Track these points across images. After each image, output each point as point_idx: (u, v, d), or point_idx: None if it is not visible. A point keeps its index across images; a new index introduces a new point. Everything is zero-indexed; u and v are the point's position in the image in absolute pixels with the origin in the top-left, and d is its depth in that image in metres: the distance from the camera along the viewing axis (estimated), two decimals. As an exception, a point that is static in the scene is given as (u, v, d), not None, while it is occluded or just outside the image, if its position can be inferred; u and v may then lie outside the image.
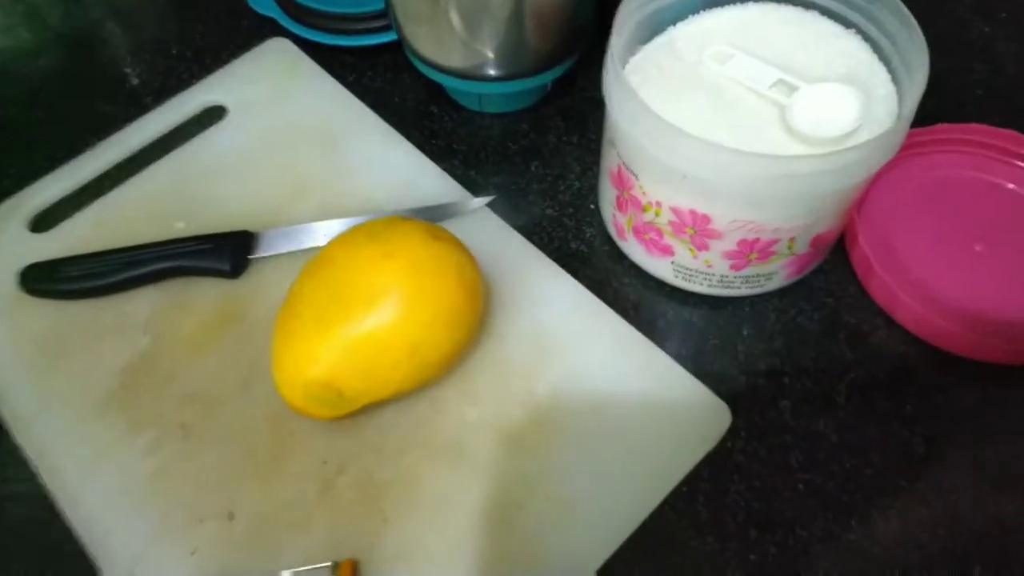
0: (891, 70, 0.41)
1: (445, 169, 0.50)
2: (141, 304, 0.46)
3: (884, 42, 0.41)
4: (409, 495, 0.39)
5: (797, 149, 0.39)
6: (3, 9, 0.64)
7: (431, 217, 0.47)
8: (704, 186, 0.37)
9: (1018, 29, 0.58)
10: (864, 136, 0.38)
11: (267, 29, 0.58)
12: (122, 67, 0.59)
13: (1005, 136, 0.48)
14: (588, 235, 0.49)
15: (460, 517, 0.39)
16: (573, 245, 0.48)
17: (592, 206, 0.50)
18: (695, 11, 0.44)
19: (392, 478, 0.40)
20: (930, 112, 0.48)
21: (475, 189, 0.50)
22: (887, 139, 0.37)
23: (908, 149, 0.49)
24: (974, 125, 0.49)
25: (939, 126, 0.49)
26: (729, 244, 0.40)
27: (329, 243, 0.40)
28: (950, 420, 0.42)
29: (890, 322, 0.45)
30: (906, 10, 0.39)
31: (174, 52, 0.59)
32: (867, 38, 0.42)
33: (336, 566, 0.37)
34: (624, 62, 0.42)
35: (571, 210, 0.50)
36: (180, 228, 0.48)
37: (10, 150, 0.54)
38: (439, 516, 0.39)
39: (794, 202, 0.38)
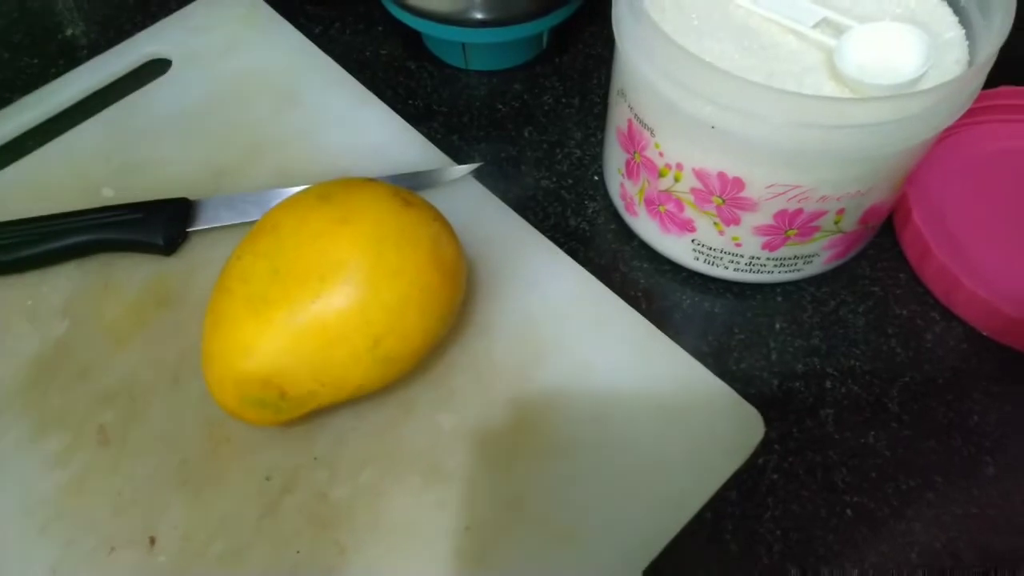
0: (958, 10, 0.34)
1: (423, 133, 0.43)
2: (58, 283, 0.39)
3: (950, -23, 0.35)
4: (370, 520, 0.32)
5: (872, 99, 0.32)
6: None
7: (406, 186, 0.39)
8: (737, 140, 0.30)
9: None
10: (929, 84, 0.31)
11: (222, -27, 0.50)
12: (54, 16, 0.51)
13: (1077, 101, 0.42)
14: (591, 210, 0.42)
15: (432, 547, 0.31)
16: (573, 222, 0.41)
17: (595, 177, 0.42)
18: (722, -59, 0.37)
19: (349, 499, 0.33)
20: (992, 73, 0.42)
21: (458, 156, 0.43)
22: (960, 86, 0.30)
23: (965, 116, 0.41)
24: (1041, 88, 0.42)
25: (1001, 89, 0.42)
26: (764, 217, 0.33)
27: (273, 207, 0.32)
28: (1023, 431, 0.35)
29: (949, 315, 0.38)
30: None
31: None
32: (931, -27, 0.35)
33: None
34: (638, -4, 0.35)
35: (570, 181, 0.43)
36: (108, 196, 0.41)
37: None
38: (406, 546, 0.32)
39: (847, 162, 0.31)
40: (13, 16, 0.51)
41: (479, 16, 0.41)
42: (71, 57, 0.48)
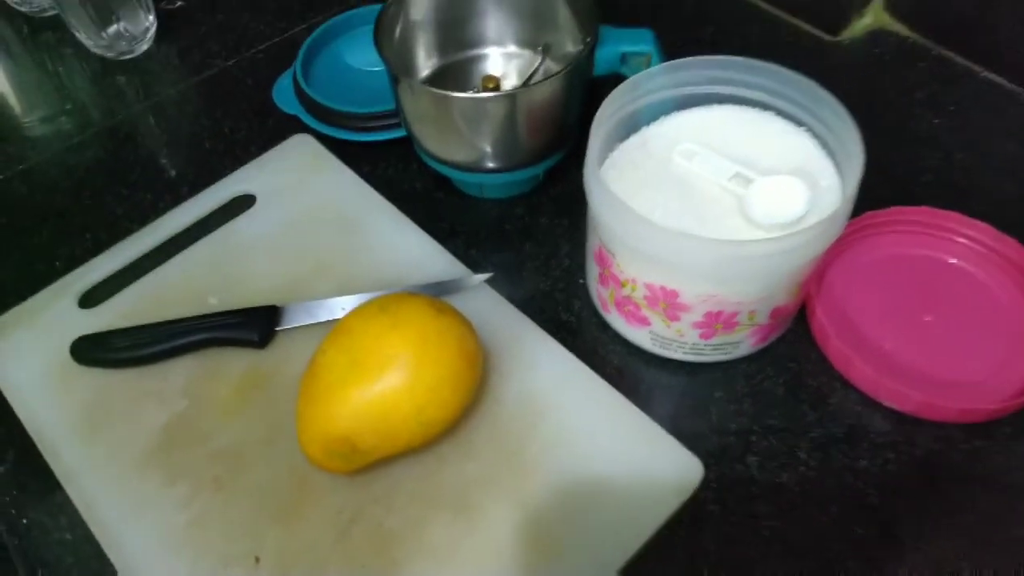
0: (836, 163, 0.47)
1: (449, 249, 0.56)
2: (178, 371, 0.51)
3: (830, 137, 0.47)
4: (416, 542, 0.44)
5: (755, 234, 0.44)
6: (52, 106, 0.71)
7: (437, 292, 0.53)
8: (671, 266, 0.43)
9: (964, 120, 0.64)
10: (811, 221, 0.44)
11: (291, 126, 0.65)
12: (160, 159, 0.66)
13: (948, 217, 0.54)
14: (576, 307, 0.54)
15: (461, 563, 0.43)
16: (563, 317, 0.54)
17: (580, 281, 0.55)
18: (666, 113, 0.51)
19: (400, 527, 0.45)
20: (884, 196, 0.55)
21: (475, 267, 0.56)
22: (830, 223, 0.42)
23: (863, 230, 0.54)
24: (922, 208, 0.55)
25: (891, 209, 0.55)
26: (697, 316, 0.46)
27: (346, 316, 0.45)
28: (899, 473, 0.46)
29: (847, 385, 0.50)
30: (844, 109, 0.45)
31: (207, 146, 0.66)
32: (815, 135, 0.48)
33: None
34: (603, 159, 0.49)
35: (561, 285, 0.56)
36: (213, 303, 0.54)
37: (61, 234, 0.61)
38: (442, 562, 0.43)
39: (752, 279, 0.43)
40: (130, 160, 0.65)
41: (491, 165, 0.54)
42: (176, 193, 0.62)
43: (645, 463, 0.46)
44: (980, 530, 0.44)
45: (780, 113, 0.49)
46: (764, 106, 0.50)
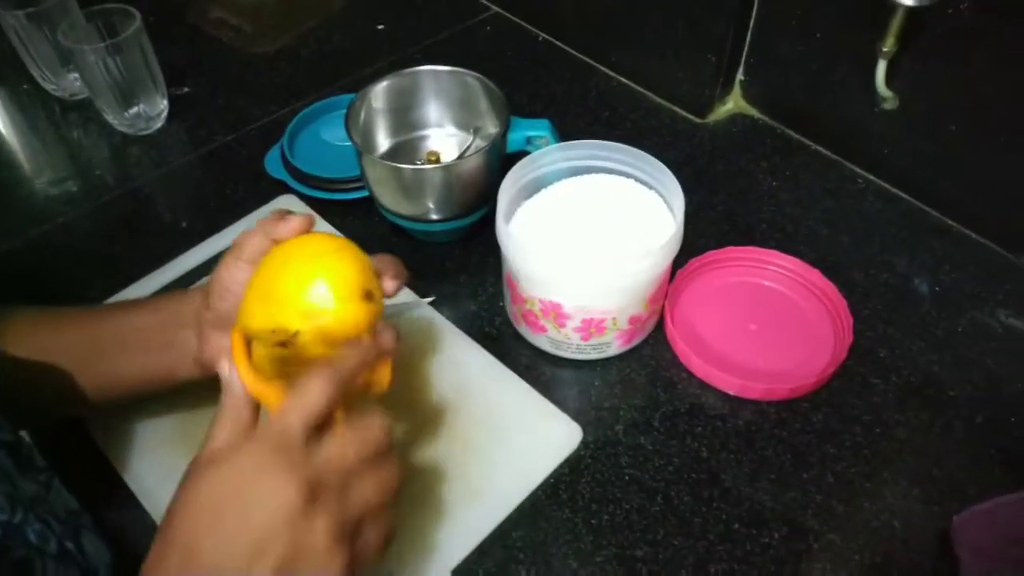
0: (672, 213, 0.67)
1: (402, 281, 0.74)
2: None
3: (666, 194, 0.67)
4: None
5: (612, 263, 0.63)
6: (83, 172, 0.88)
7: (394, 312, 0.70)
8: (554, 287, 0.62)
9: (796, 183, 0.84)
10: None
11: (279, 188, 0.83)
12: (175, 214, 0.83)
13: (770, 253, 0.74)
14: (497, 322, 0.73)
15: (434, 459, 0.61)
16: (487, 329, 0.72)
17: (500, 303, 0.74)
18: (558, 179, 0.70)
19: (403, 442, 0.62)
20: (731, 239, 0.74)
21: (423, 294, 0.74)
22: (660, 253, 0.61)
23: (706, 265, 0.74)
24: (750, 248, 0.74)
25: (728, 248, 0.74)
26: (576, 323, 0.64)
27: None
28: (724, 436, 0.65)
29: (690, 375, 0.68)
30: (673, 175, 0.65)
31: (212, 204, 0.84)
32: (659, 194, 0.68)
33: None
34: (511, 214, 0.67)
35: (487, 306, 0.74)
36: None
37: (98, 271, 0.78)
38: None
39: (610, 294, 0.62)
40: (150, 215, 0.83)
41: (433, 217, 0.73)
42: (188, 240, 0.79)
43: (543, 429, 0.64)
44: (777, 475, 0.63)
45: (637, 180, 0.69)
46: (627, 175, 0.69)
